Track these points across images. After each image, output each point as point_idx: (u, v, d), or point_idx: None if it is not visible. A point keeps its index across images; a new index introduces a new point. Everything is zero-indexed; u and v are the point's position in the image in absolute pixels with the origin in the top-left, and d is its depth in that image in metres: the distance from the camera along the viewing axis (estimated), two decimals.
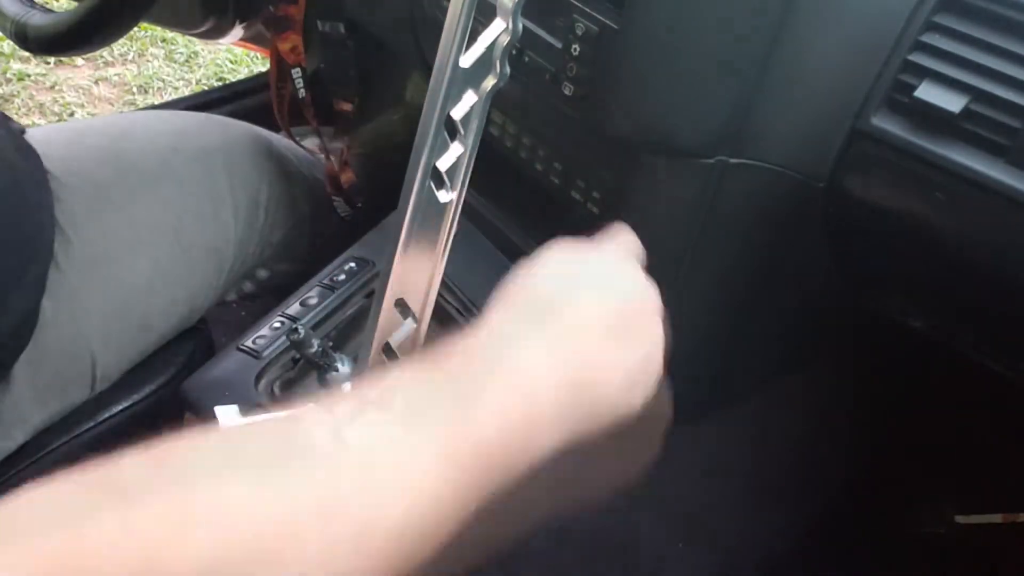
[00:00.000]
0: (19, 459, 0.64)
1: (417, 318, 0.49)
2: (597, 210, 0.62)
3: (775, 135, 0.53)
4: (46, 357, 0.63)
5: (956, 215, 0.51)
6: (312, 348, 0.59)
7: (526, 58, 0.55)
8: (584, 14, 0.51)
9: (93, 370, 0.68)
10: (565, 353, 0.39)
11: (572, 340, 0.40)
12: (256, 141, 0.83)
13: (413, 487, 0.31)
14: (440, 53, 0.41)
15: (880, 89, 0.51)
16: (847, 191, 0.54)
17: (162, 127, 0.62)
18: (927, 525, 0.94)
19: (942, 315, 0.63)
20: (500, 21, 0.41)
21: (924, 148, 0.50)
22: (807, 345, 0.78)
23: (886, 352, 0.81)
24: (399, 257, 0.46)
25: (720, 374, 0.73)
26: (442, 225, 0.46)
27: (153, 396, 0.70)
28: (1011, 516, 0.91)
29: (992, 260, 0.52)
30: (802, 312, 0.71)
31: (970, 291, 0.57)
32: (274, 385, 0.64)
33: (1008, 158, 0.48)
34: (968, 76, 0.48)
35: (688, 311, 0.63)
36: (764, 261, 0.62)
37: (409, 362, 0.37)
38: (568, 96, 0.54)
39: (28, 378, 0.62)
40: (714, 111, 0.52)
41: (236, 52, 2.20)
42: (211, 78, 2.16)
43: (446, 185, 0.45)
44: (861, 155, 0.52)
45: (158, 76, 2.12)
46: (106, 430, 0.68)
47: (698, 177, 0.54)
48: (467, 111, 0.43)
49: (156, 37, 2.19)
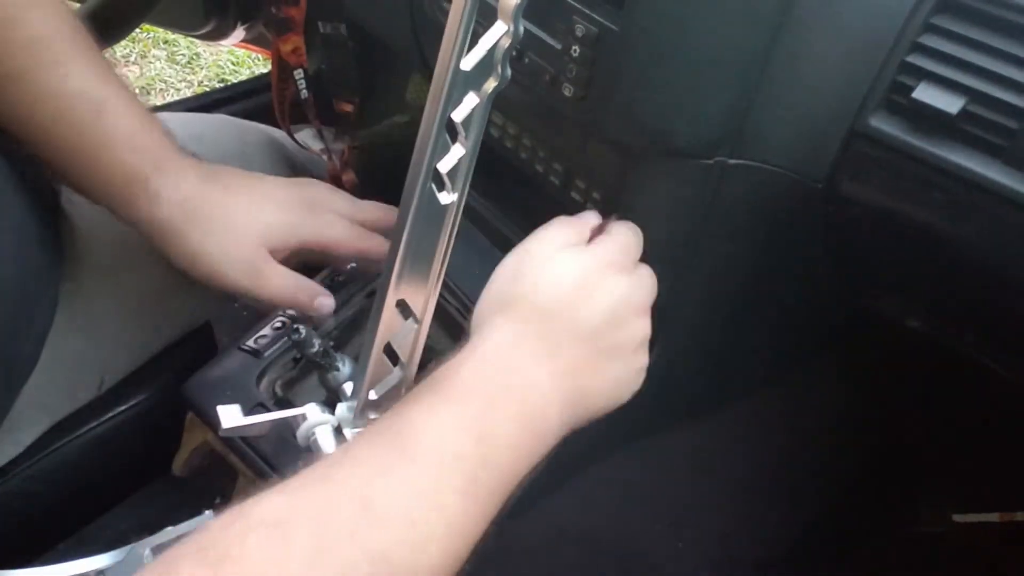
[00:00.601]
0: (23, 459, 0.64)
1: (418, 319, 0.49)
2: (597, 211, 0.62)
3: (774, 136, 0.54)
4: (56, 365, 0.63)
5: (954, 216, 0.51)
6: (313, 348, 0.60)
7: (526, 59, 0.55)
8: (584, 16, 0.51)
9: (102, 375, 0.68)
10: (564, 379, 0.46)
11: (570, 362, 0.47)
12: (270, 143, 0.84)
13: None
14: (441, 55, 0.41)
15: (878, 90, 0.51)
16: (845, 192, 0.54)
17: (180, 131, 0.63)
18: (925, 524, 0.94)
19: (941, 315, 0.64)
20: (501, 23, 0.41)
21: (922, 149, 0.50)
22: (806, 345, 0.78)
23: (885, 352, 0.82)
24: (400, 258, 0.46)
25: (719, 373, 0.73)
26: (443, 226, 0.46)
27: (155, 396, 0.71)
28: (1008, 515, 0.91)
29: (990, 260, 0.52)
30: (801, 312, 0.71)
31: (969, 291, 0.57)
32: (275, 385, 0.64)
33: (1005, 159, 0.48)
34: (966, 77, 0.48)
35: (687, 311, 0.64)
36: (763, 261, 0.63)
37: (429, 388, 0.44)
38: (568, 97, 0.54)
39: (38, 386, 0.62)
40: (713, 112, 0.52)
41: (238, 54, 2.21)
42: (213, 79, 2.16)
43: (447, 187, 0.45)
44: (859, 156, 0.53)
45: (160, 78, 2.13)
46: (109, 429, 0.68)
47: (697, 178, 0.55)
48: (468, 113, 0.43)
49: (158, 39, 2.19)
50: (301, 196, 0.64)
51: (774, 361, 0.77)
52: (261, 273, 0.60)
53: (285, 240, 0.62)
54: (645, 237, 0.60)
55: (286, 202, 0.63)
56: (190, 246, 0.59)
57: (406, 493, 0.39)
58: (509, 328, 0.47)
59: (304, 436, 0.50)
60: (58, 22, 0.56)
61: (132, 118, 0.58)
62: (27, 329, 0.60)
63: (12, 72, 0.54)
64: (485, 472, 0.41)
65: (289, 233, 0.62)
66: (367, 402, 0.50)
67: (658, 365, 0.61)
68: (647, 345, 0.53)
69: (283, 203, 0.63)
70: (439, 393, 0.43)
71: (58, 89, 0.55)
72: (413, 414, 0.42)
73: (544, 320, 0.48)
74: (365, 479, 0.38)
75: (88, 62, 0.57)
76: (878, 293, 0.66)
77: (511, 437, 0.43)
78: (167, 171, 0.59)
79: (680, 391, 0.69)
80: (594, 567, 0.77)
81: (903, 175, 0.51)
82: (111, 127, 0.57)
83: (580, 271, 0.50)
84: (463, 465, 0.41)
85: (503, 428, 0.43)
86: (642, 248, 0.55)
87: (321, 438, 0.50)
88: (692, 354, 0.68)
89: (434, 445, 0.41)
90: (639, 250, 0.54)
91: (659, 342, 0.62)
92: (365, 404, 0.50)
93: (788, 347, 0.76)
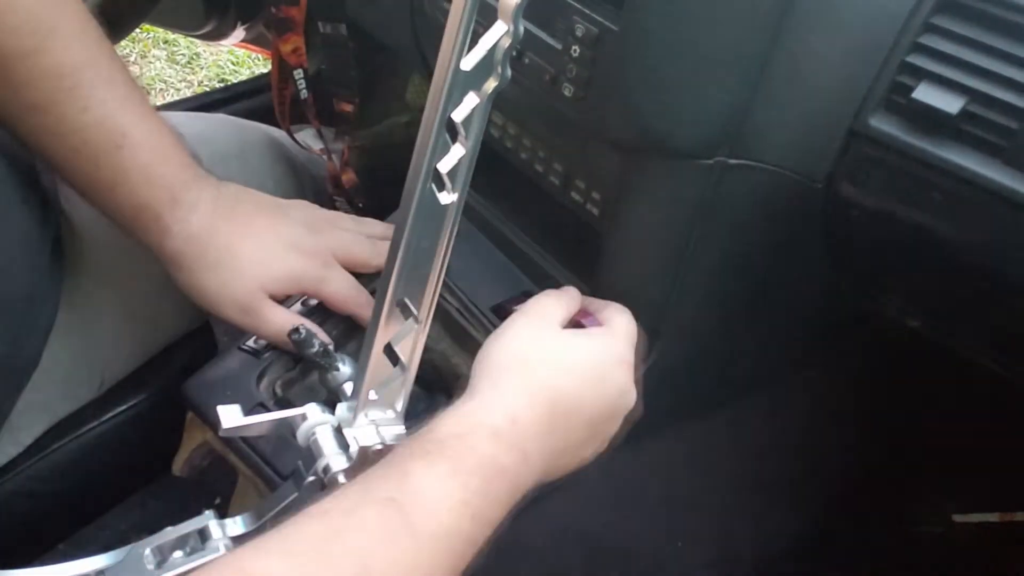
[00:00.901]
0: (23, 459, 0.64)
1: (418, 319, 0.49)
2: (597, 211, 0.62)
3: (774, 136, 0.54)
4: (56, 365, 0.63)
5: (954, 216, 0.51)
6: (313, 348, 0.60)
7: (526, 59, 0.56)
8: (584, 15, 0.51)
9: (102, 375, 0.68)
10: (552, 456, 0.49)
11: (562, 441, 0.50)
12: (270, 143, 0.84)
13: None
14: (441, 55, 0.41)
15: (878, 90, 0.51)
16: (845, 192, 0.55)
17: (181, 131, 0.63)
18: (925, 524, 0.94)
19: (941, 315, 0.64)
20: (501, 23, 0.41)
21: (922, 149, 0.50)
22: (806, 345, 0.78)
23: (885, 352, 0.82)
24: (400, 258, 0.46)
25: (719, 373, 0.73)
26: (443, 226, 0.46)
27: (155, 396, 0.71)
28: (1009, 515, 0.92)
29: (990, 260, 0.52)
30: (801, 312, 0.71)
31: (968, 291, 0.57)
32: (275, 385, 0.64)
33: (1005, 159, 0.48)
34: (966, 78, 0.48)
35: (687, 311, 0.64)
36: (763, 261, 0.63)
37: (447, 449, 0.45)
38: (568, 97, 0.54)
39: (38, 386, 0.62)
40: (713, 112, 0.52)
41: (238, 54, 2.21)
42: (213, 79, 2.16)
43: (447, 187, 0.45)
44: (859, 156, 0.53)
45: (160, 78, 2.13)
46: (109, 430, 0.68)
47: (697, 178, 0.55)
48: (468, 113, 0.43)
49: (158, 39, 2.19)
50: (316, 245, 0.64)
51: (774, 361, 0.77)
52: (258, 314, 0.62)
53: (285, 288, 0.63)
54: (645, 237, 0.61)
55: (297, 249, 0.63)
56: (193, 281, 0.61)
57: (406, 568, 0.39)
58: (524, 400, 0.48)
59: (304, 436, 0.50)
60: (83, 49, 0.56)
61: (151, 150, 0.59)
62: (28, 329, 0.60)
63: (38, 103, 0.55)
64: (470, 549, 0.42)
65: (290, 283, 0.63)
66: (367, 402, 0.50)
67: (658, 365, 0.61)
68: (617, 429, 0.56)
69: (294, 249, 0.63)
70: (450, 461, 0.43)
71: (78, 121, 0.56)
72: (423, 481, 0.42)
73: (554, 402, 0.49)
74: (369, 549, 0.39)
75: (111, 90, 0.57)
76: (878, 293, 0.66)
77: (496, 516, 0.44)
78: (180, 204, 0.60)
79: (680, 391, 0.69)
80: (594, 567, 0.77)
81: (903, 175, 0.51)
82: (128, 160, 0.58)
83: (596, 362, 0.53)
84: (455, 543, 0.41)
85: (493, 510, 0.44)
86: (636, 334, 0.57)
87: (321, 438, 0.50)
88: (692, 354, 0.68)
89: (436, 519, 0.41)
90: (635, 336, 0.57)
91: (659, 342, 0.62)
92: (365, 404, 0.50)
93: (788, 347, 0.76)
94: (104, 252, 0.67)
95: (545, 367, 0.50)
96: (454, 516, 0.42)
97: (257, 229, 0.63)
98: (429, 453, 0.43)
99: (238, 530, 0.49)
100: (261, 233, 0.63)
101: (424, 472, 0.42)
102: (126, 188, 0.58)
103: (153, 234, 0.60)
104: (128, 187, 0.58)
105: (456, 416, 0.46)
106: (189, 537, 0.48)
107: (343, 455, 0.49)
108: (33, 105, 0.55)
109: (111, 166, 0.57)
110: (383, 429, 0.50)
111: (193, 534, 0.48)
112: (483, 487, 0.43)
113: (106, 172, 0.58)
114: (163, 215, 0.59)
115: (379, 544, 0.39)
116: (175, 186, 0.60)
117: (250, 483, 0.62)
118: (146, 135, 0.59)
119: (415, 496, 0.41)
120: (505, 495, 0.45)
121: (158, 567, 0.47)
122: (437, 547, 0.41)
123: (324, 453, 0.49)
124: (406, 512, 0.40)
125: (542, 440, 0.48)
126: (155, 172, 0.59)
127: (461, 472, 0.43)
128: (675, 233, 0.58)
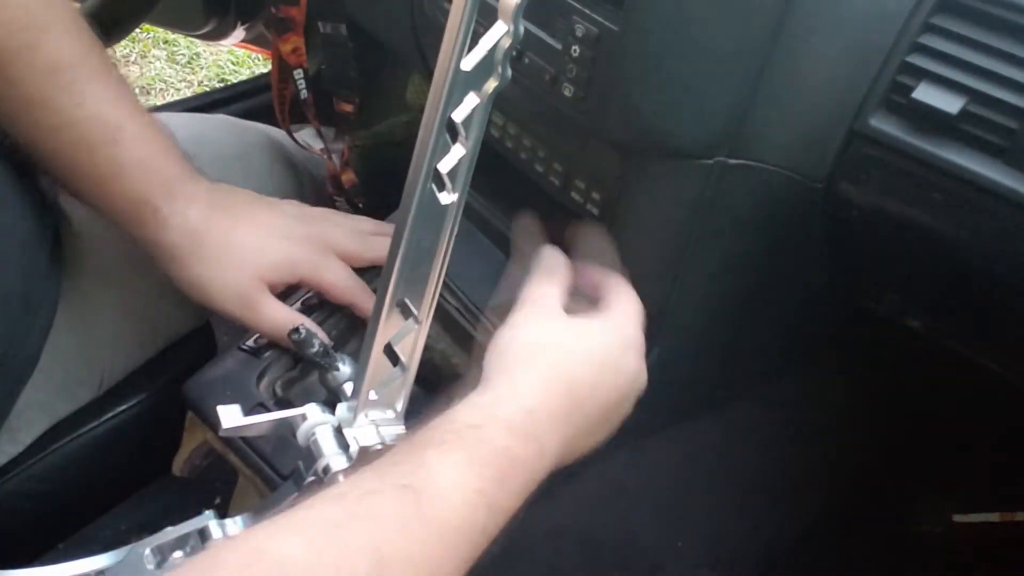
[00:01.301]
0: (24, 459, 0.64)
1: (418, 319, 0.49)
2: (597, 211, 0.62)
3: (773, 136, 0.54)
4: (56, 365, 0.63)
5: (954, 216, 0.51)
6: (313, 348, 0.60)
7: (526, 60, 0.56)
8: (584, 15, 0.51)
9: (101, 375, 0.68)
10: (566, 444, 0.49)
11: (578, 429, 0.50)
12: (270, 143, 0.84)
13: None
14: (442, 56, 0.41)
15: (878, 90, 0.51)
16: (845, 192, 0.55)
17: (180, 131, 0.63)
18: (925, 524, 0.94)
19: (941, 315, 0.64)
20: (501, 23, 0.41)
21: (922, 149, 0.50)
22: (806, 345, 0.78)
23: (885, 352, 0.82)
24: (400, 258, 0.46)
25: (719, 373, 0.73)
26: (443, 226, 0.46)
27: (155, 396, 0.71)
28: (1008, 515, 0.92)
29: (990, 260, 0.52)
30: (801, 312, 0.71)
31: (968, 291, 0.57)
32: (275, 385, 0.64)
33: (1005, 159, 0.48)
34: (966, 78, 0.48)
35: (687, 311, 0.64)
36: (763, 261, 0.63)
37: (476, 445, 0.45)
38: (568, 97, 0.54)
39: (38, 386, 0.62)
40: (713, 112, 0.52)
41: (238, 54, 2.21)
42: (213, 79, 2.16)
43: (447, 187, 0.45)
44: (859, 156, 0.53)
45: (160, 78, 2.13)
46: (109, 430, 0.68)
47: (697, 178, 0.55)
48: (468, 113, 0.43)
49: (158, 39, 2.19)
50: (310, 233, 0.65)
51: (774, 361, 0.77)
52: (255, 306, 0.62)
53: (283, 276, 0.63)
54: (645, 237, 0.60)
55: (292, 237, 0.64)
56: (190, 274, 0.61)
57: (420, 556, 0.39)
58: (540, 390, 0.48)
59: (304, 436, 0.50)
60: (76, 45, 0.57)
61: (146, 143, 0.59)
62: (28, 329, 0.61)
63: (33, 98, 0.56)
64: (484, 538, 0.42)
65: (288, 271, 0.63)
66: (367, 402, 0.50)
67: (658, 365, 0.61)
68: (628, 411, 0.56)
69: (288, 238, 0.64)
70: (465, 450, 0.43)
71: (74, 115, 0.56)
72: (438, 470, 0.42)
73: (570, 391, 0.49)
74: (384, 537, 0.39)
75: (105, 86, 0.58)
76: (878, 293, 0.66)
77: (510, 507, 0.44)
78: (177, 197, 0.60)
79: (679, 391, 0.69)
80: (594, 567, 0.77)
81: (903, 175, 0.51)
82: (124, 153, 0.58)
83: (609, 349, 0.53)
84: (469, 533, 0.41)
85: (507, 501, 0.44)
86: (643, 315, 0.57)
87: (321, 438, 0.50)
88: (692, 354, 0.68)
89: (451, 508, 0.41)
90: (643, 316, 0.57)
91: (659, 342, 0.62)
92: (365, 404, 0.50)
93: (788, 347, 0.76)
94: (103, 252, 0.67)
95: (559, 356, 0.50)
96: (469, 505, 0.41)
97: (253, 220, 0.63)
98: (445, 442, 0.43)
99: (238, 530, 0.49)
100: (257, 224, 0.63)
101: (440, 460, 0.42)
102: (123, 181, 0.58)
103: (151, 228, 0.60)
104: (125, 180, 0.58)
105: (472, 407, 0.46)
106: (189, 537, 0.48)
107: (343, 455, 0.49)
108: (29, 100, 0.55)
109: (108, 159, 0.58)
110: (383, 429, 0.50)
111: (193, 534, 0.48)
112: (498, 477, 0.43)
113: (103, 166, 0.58)
114: (161, 207, 0.59)
115: (393, 531, 0.39)
116: (172, 179, 0.60)
117: (250, 483, 0.62)
118: (141, 129, 0.59)
119: (430, 484, 0.41)
120: (520, 486, 0.45)
121: (158, 567, 0.47)
122: (451, 536, 0.41)
123: (324, 453, 0.49)
124: (421, 500, 0.40)
125: (558, 429, 0.48)
126: (152, 165, 0.59)
127: (476, 462, 0.43)
128: (675, 233, 0.58)
